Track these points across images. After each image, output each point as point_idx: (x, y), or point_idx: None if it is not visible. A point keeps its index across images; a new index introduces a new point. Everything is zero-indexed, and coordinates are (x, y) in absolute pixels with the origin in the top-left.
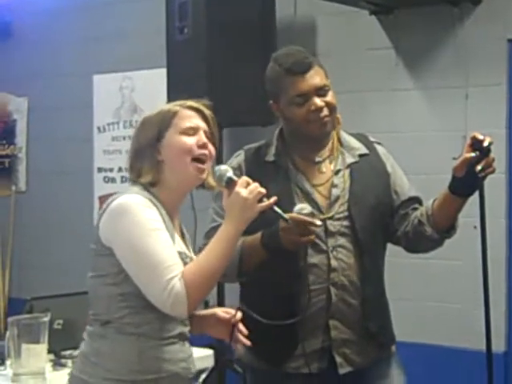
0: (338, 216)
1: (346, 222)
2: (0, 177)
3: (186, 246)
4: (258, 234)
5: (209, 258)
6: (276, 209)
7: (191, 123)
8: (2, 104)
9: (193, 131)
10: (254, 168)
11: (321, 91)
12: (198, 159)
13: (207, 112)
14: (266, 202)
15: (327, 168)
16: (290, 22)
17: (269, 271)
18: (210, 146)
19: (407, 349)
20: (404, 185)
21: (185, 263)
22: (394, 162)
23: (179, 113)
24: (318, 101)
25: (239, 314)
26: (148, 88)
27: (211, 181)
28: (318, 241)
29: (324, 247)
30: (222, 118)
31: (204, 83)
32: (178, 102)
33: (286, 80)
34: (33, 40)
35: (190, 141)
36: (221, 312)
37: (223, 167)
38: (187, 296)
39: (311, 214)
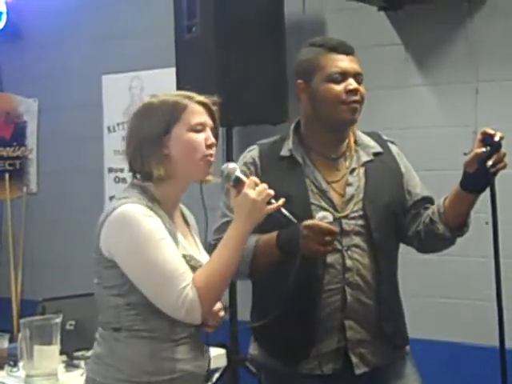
0: (352, 215)
1: (360, 221)
2: (11, 178)
3: (192, 239)
4: (274, 234)
5: (218, 261)
6: (284, 211)
7: (200, 119)
8: (12, 106)
9: (201, 127)
10: (269, 163)
11: (358, 77)
12: (206, 158)
13: (214, 108)
14: (274, 205)
15: (342, 166)
16: (299, 18)
17: (283, 272)
18: (215, 145)
19: (420, 345)
20: (417, 185)
21: (190, 266)
22: (407, 161)
23: (189, 107)
24: (355, 83)
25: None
26: (157, 87)
27: (209, 176)
28: None
29: (339, 246)
30: (232, 117)
31: (213, 82)
32: (185, 94)
33: (328, 56)
34: (42, 41)
35: (199, 139)
36: None
37: (231, 166)
38: (200, 303)
39: (333, 223)
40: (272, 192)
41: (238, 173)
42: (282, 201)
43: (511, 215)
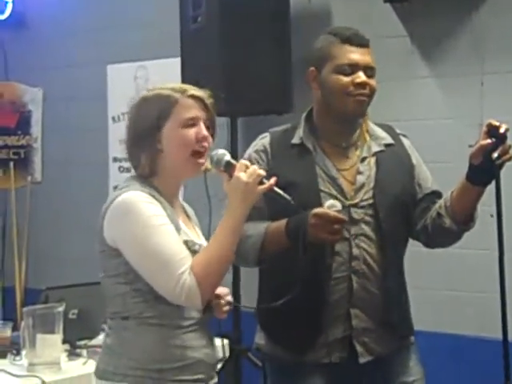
0: (362, 204)
1: (370, 211)
2: (16, 167)
3: (193, 229)
4: (282, 222)
5: (216, 246)
6: (277, 190)
7: (191, 114)
8: (17, 95)
9: (192, 122)
10: (280, 150)
11: (369, 71)
12: (197, 152)
13: (208, 101)
14: (266, 184)
15: (353, 154)
16: (305, 9)
17: (292, 258)
18: (209, 137)
19: (423, 337)
20: (428, 178)
21: (193, 251)
22: (418, 155)
23: (179, 101)
24: (364, 76)
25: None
26: (162, 77)
27: (208, 165)
28: None
29: (346, 235)
30: (237, 107)
31: (218, 72)
32: (179, 87)
33: (340, 47)
34: (46, 30)
35: (190, 134)
36: None
37: (220, 151)
38: (199, 288)
39: (342, 212)
40: (263, 172)
41: (227, 157)
42: (273, 179)
43: None
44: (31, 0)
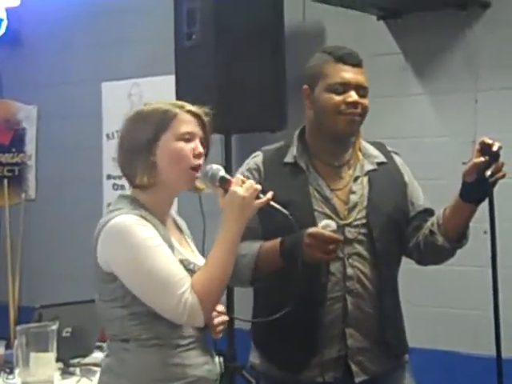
0: (355, 223)
1: (363, 230)
2: (10, 185)
3: (187, 243)
4: (276, 241)
5: (215, 262)
6: (274, 204)
7: (188, 128)
8: (11, 112)
9: (189, 136)
10: (273, 169)
11: (361, 90)
12: (193, 168)
13: (205, 118)
14: (263, 198)
15: (346, 174)
16: (299, 27)
17: (286, 276)
18: (203, 155)
19: (417, 355)
20: (420, 196)
21: (188, 270)
22: (410, 173)
23: (178, 116)
24: (356, 96)
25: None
26: (157, 94)
27: (198, 184)
28: None
29: (340, 254)
30: (231, 124)
31: (213, 89)
32: (176, 103)
33: (333, 66)
34: (41, 48)
35: (187, 148)
36: None
37: (215, 166)
38: (201, 305)
39: (337, 231)
40: (259, 187)
41: (222, 172)
42: (270, 193)
43: (509, 225)
44: (26, 17)
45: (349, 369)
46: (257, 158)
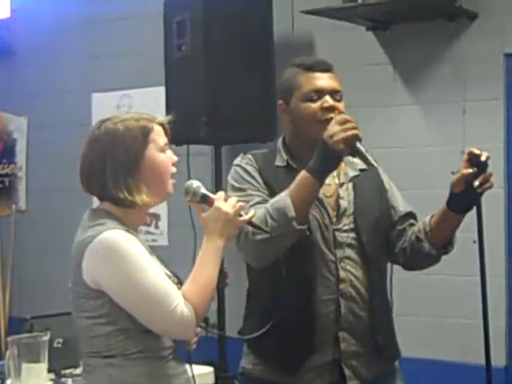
0: (345, 228)
1: (352, 234)
2: (0, 196)
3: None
4: (302, 175)
5: (204, 272)
6: (255, 223)
7: (164, 140)
8: (2, 123)
9: (166, 148)
10: (266, 168)
11: (336, 95)
12: (170, 177)
13: (167, 126)
14: (246, 216)
15: (332, 181)
16: (288, 38)
17: (277, 284)
18: None
19: (406, 364)
20: (400, 201)
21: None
22: (389, 178)
23: (154, 129)
24: (332, 101)
25: None
26: (146, 106)
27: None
28: (326, 251)
29: (333, 258)
30: (221, 136)
31: (202, 101)
32: (144, 117)
33: (304, 76)
34: (32, 59)
35: (167, 159)
36: None
37: (195, 184)
38: (195, 317)
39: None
40: (243, 204)
41: (203, 190)
42: (252, 212)
43: (498, 234)
44: (16, 29)
45: (343, 373)
46: (247, 158)
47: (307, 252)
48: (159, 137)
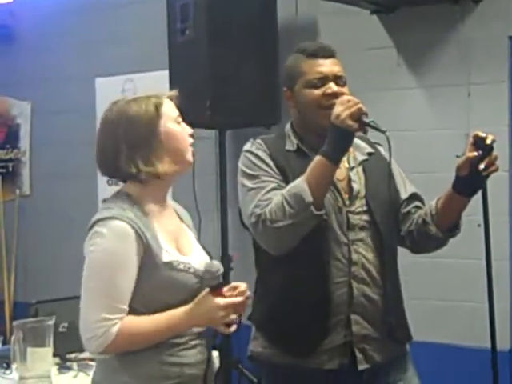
0: (358, 210)
1: (365, 217)
2: (4, 181)
3: (186, 234)
4: (317, 159)
5: (150, 330)
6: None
7: (177, 112)
8: (5, 108)
9: (179, 119)
10: (277, 152)
11: (339, 80)
12: (190, 147)
13: (176, 102)
14: (231, 329)
15: (342, 165)
16: (292, 22)
17: (289, 266)
18: None
19: (413, 347)
20: (406, 183)
21: (178, 270)
22: (394, 161)
23: (165, 102)
24: (335, 87)
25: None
26: (150, 90)
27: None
28: (339, 233)
29: (345, 240)
30: (225, 120)
31: (206, 84)
32: (153, 94)
33: (307, 62)
34: (35, 44)
35: (182, 129)
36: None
37: (222, 269)
38: (112, 343)
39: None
40: (235, 317)
41: (221, 278)
42: (233, 327)
43: (503, 217)
44: (19, 13)
45: (354, 356)
46: (257, 143)
47: (321, 234)
48: (171, 109)
